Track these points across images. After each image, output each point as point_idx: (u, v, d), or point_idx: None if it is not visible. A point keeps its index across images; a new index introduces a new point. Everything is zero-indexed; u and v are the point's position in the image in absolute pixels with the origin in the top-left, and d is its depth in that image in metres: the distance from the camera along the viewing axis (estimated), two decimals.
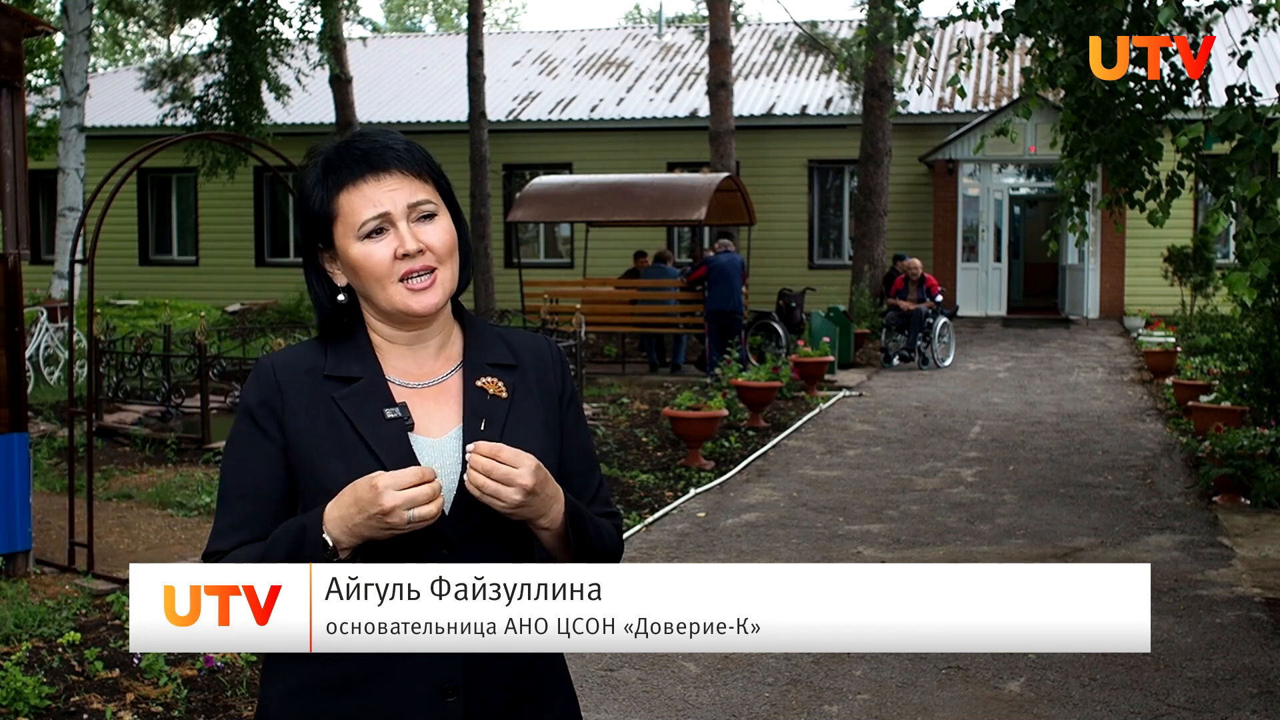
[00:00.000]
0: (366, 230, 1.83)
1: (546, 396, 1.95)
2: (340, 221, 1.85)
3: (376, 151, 1.85)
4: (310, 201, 1.87)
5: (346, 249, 1.85)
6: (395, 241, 1.83)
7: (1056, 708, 4.95)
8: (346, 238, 1.84)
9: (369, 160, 1.84)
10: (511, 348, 1.97)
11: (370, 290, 1.86)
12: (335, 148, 1.88)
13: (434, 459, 1.84)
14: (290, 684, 1.85)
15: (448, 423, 1.87)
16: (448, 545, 1.81)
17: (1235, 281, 6.22)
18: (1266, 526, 8.02)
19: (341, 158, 1.86)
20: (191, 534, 7.73)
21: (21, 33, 6.75)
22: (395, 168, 1.84)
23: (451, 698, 1.81)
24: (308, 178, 1.89)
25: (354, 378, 1.87)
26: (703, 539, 7.75)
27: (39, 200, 24.22)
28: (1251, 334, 10.52)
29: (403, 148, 1.87)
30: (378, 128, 1.94)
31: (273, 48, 19.59)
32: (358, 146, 1.86)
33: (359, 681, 1.81)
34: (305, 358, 1.91)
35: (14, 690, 4.57)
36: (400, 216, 1.83)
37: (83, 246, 9.08)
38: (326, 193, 1.86)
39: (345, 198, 1.84)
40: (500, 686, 1.85)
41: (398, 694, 1.80)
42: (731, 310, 15.23)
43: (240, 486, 1.87)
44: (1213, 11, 9.08)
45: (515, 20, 59.47)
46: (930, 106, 23.06)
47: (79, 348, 12.87)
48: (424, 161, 1.88)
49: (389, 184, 1.84)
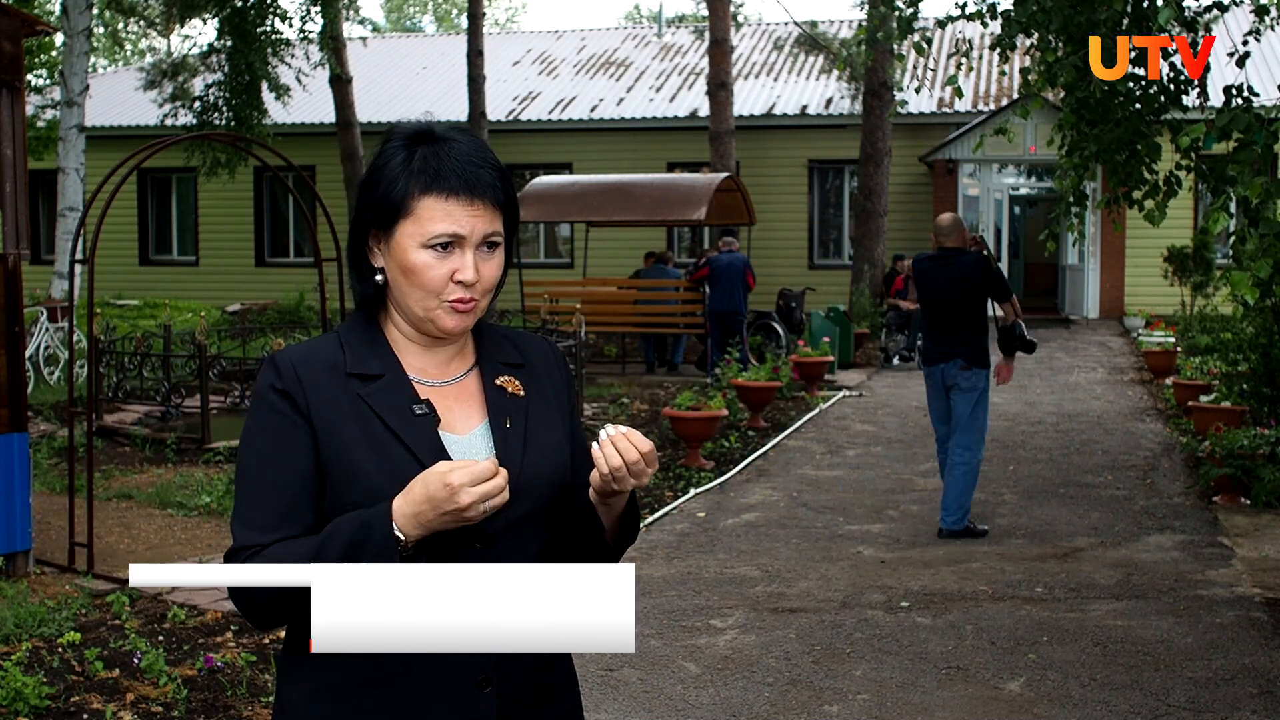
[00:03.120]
0: (435, 242, 1.82)
1: (556, 394, 1.99)
2: (412, 221, 1.83)
3: (475, 172, 1.84)
4: (390, 186, 1.84)
5: (406, 249, 1.84)
6: (457, 264, 1.83)
7: (1056, 708, 4.95)
8: (411, 238, 1.83)
9: (466, 179, 1.83)
10: (518, 347, 2.00)
11: (410, 297, 1.86)
12: (432, 145, 1.85)
13: (462, 455, 1.86)
14: (317, 684, 1.85)
15: (471, 420, 1.90)
16: (482, 539, 1.83)
17: (1238, 281, 6.21)
18: (1266, 526, 8.02)
19: (440, 162, 1.83)
20: (191, 534, 7.73)
21: (21, 33, 6.75)
22: (488, 195, 1.84)
23: (487, 689, 1.83)
24: (392, 160, 1.85)
25: (376, 375, 1.88)
26: (703, 539, 7.75)
27: (39, 200, 24.22)
28: (1251, 334, 10.52)
29: (497, 177, 1.86)
30: (470, 133, 1.90)
31: (273, 48, 19.59)
32: (456, 157, 1.84)
33: (392, 676, 1.82)
34: (323, 353, 1.90)
35: (14, 690, 4.57)
36: (472, 244, 1.84)
37: (83, 246, 9.08)
38: (410, 187, 1.83)
39: (429, 203, 1.82)
40: (528, 678, 1.88)
41: (432, 687, 1.81)
42: (732, 311, 15.23)
43: (277, 477, 1.83)
44: (1212, 11, 9.08)
45: (515, 20, 59.49)
46: (930, 106, 23.06)
47: (79, 348, 12.86)
48: (509, 194, 1.89)
49: (475, 209, 1.83)
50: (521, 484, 1.85)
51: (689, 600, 6.41)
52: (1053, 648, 5.67)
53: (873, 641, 5.77)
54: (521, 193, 17.31)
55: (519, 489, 1.84)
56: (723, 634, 5.87)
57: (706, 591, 6.58)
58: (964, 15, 8.75)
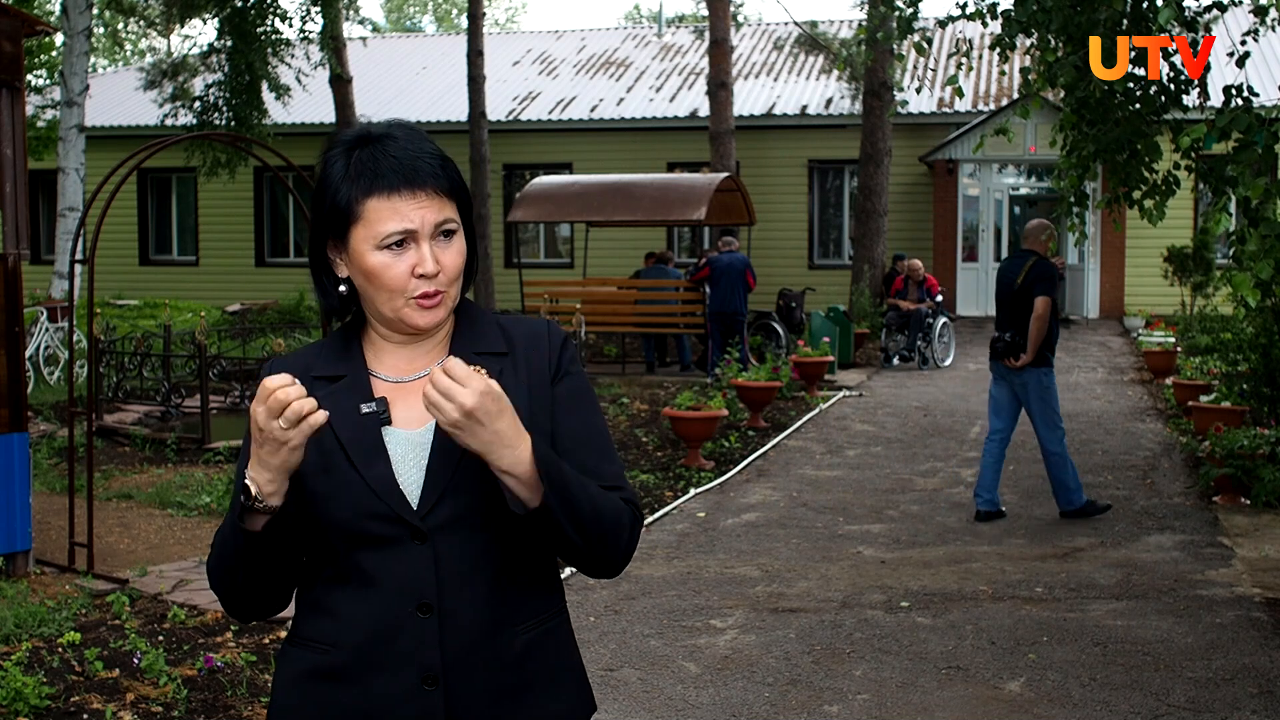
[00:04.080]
0: (388, 242, 1.82)
1: (534, 375, 1.92)
2: (362, 225, 1.83)
3: (412, 164, 1.83)
4: (334, 195, 1.85)
5: (363, 254, 1.84)
6: (415, 259, 1.83)
7: (1056, 708, 4.95)
8: (365, 242, 1.83)
9: (404, 174, 1.82)
10: (507, 335, 1.95)
11: (377, 299, 1.86)
12: (368, 147, 1.85)
13: (406, 450, 1.85)
14: (298, 669, 1.89)
15: (426, 415, 1.84)
16: (418, 536, 1.82)
17: (1240, 283, 6.20)
18: (1266, 526, 8.02)
19: (377, 162, 1.83)
20: (191, 534, 7.73)
21: (21, 33, 6.75)
22: (430, 184, 1.83)
23: (431, 687, 1.82)
24: (333, 169, 1.86)
25: (338, 376, 1.90)
26: (703, 539, 7.75)
27: (39, 200, 24.22)
28: (1251, 334, 10.52)
29: (438, 165, 1.85)
30: (406, 126, 1.90)
31: (273, 48, 19.58)
32: (393, 154, 1.83)
33: (354, 670, 1.84)
34: (302, 360, 1.94)
35: (14, 690, 4.56)
36: (425, 235, 1.83)
37: (83, 246, 9.07)
38: (354, 192, 1.83)
39: (374, 204, 1.82)
40: (484, 678, 1.85)
41: (388, 683, 1.83)
42: (732, 311, 15.22)
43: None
44: (1212, 11, 9.07)
45: (515, 20, 59.50)
46: (930, 106, 23.06)
47: (79, 348, 12.86)
48: (455, 180, 1.87)
49: (420, 201, 1.83)
50: (457, 480, 1.83)
51: (689, 600, 6.41)
52: (1053, 648, 5.67)
53: (873, 641, 5.76)
54: (521, 193, 17.31)
55: (456, 485, 1.82)
56: (723, 634, 5.87)
57: (706, 591, 6.58)
58: (964, 15, 8.75)
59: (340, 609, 1.85)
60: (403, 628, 1.82)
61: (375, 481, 1.82)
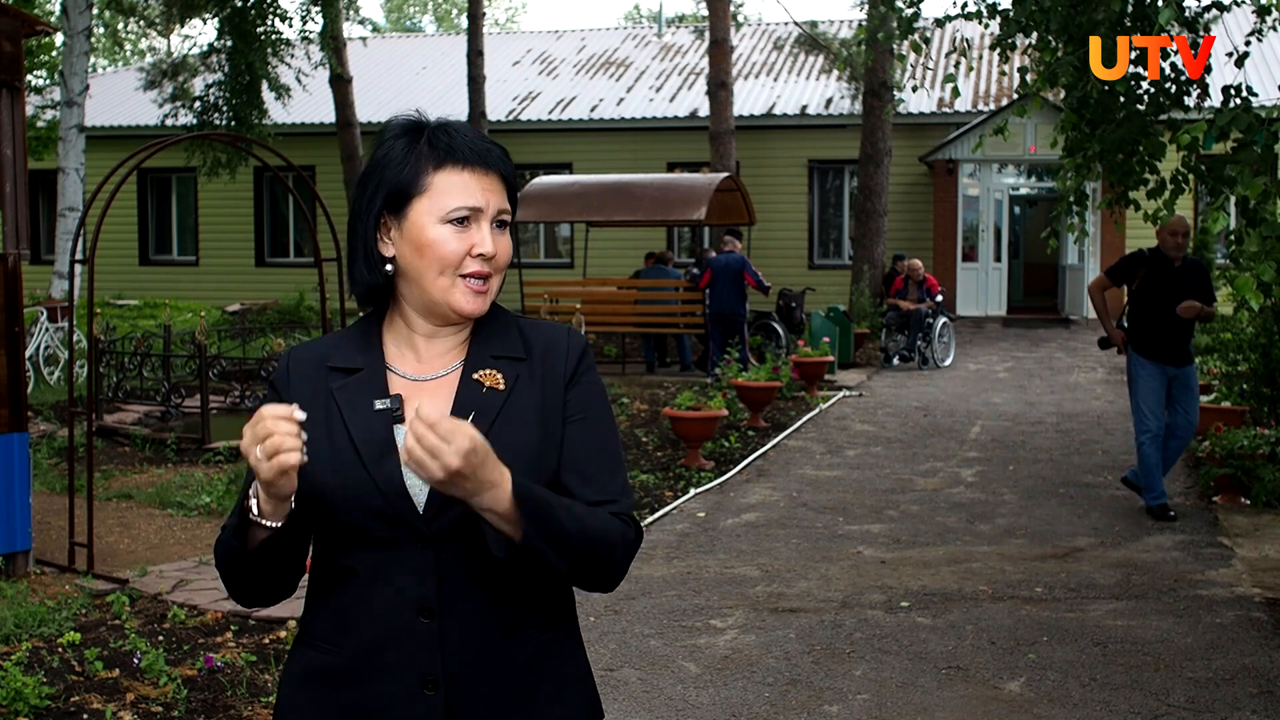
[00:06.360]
0: (454, 216, 1.83)
1: (548, 382, 1.90)
2: (428, 197, 1.83)
3: (485, 147, 1.86)
4: (397, 170, 1.85)
5: (424, 226, 1.83)
6: (475, 238, 1.83)
7: (1056, 708, 4.95)
8: (428, 215, 1.83)
9: (479, 153, 1.85)
10: (526, 340, 1.93)
11: (427, 276, 1.84)
12: (432, 126, 1.87)
13: None
14: (302, 667, 1.89)
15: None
16: (421, 540, 1.80)
17: (1242, 285, 6.20)
18: (1266, 526, 8.02)
19: (451, 139, 1.85)
20: (191, 534, 7.73)
21: (21, 33, 6.75)
22: (498, 169, 1.87)
23: (430, 691, 1.80)
24: (395, 144, 1.86)
25: (355, 369, 1.88)
26: (703, 539, 7.75)
27: (39, 200, 24.22)
28: (1251, 334, 10.52)
29: (503, 153, 1.89)
30: (467, 124, 1.93)
31: (273, 48, 19.60)
32: (467, 135, 1.87)
33: (355, 672, 1.83)
34: (320, 349, 1.93)
35: (14, 690, 4.57)
36: (488, 218, 1.85)
37: (83, 246, 9.07)
38: (422, 165, 1.84)
39: (445, 177, 1.83)
40: (487, 684, 1.83)
41: (388, 685, 1.81)
42: (730, 312, 15.21)
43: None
44: (1212, 11, 9.08)
45: (515, 20, 59.51)
46: (930, 106, 23.06)
47: (79, 348, 12.86)
48: (513, 176, 1.90)
49: (490, 184, 1.85)
50: None
51: (689, 600, 6.41)
52: (1053, 648, 5.67)
53: (873, 641, 5.76)
54: (521, 193, 17.29)
55: None
56: (723, 634, 5.87)
57: (706, 591, 6.58)
58: (964, 15, 8.75)
59: (343, 609, 1.84)
60: (402, 632, 1.80)
61: (382, 481, 1.80)
